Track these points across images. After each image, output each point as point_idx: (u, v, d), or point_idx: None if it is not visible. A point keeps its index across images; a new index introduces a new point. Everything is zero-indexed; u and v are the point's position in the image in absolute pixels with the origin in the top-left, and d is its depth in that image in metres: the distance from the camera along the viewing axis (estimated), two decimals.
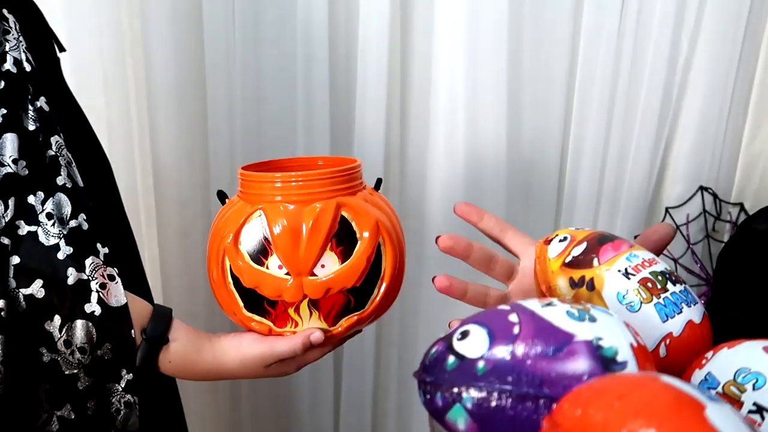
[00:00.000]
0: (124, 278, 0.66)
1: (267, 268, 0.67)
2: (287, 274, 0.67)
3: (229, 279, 0.70)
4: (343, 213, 0.68)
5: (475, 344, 0.40)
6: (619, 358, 0.42)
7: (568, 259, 0.60)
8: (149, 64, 1.17)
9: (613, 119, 1.27)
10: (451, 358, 0.41)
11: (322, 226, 0.66)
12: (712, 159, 1.29)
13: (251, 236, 0.68)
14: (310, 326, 0.70)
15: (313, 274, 0.67)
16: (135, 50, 1.18)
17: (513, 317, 0.42)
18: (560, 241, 0.63)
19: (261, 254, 0.67)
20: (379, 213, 0.70)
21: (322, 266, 0.67)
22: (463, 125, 1.25)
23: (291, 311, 0.69)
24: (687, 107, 1.28)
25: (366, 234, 0.68)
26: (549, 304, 0.44)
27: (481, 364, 0.40)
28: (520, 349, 0.39)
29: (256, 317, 0.70)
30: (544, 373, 0.38)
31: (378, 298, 0.71)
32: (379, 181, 0.79)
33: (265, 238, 0.67)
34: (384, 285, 0.71)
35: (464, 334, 0.42)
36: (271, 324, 0.70)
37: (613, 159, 1.29)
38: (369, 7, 1.19)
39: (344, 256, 0.68)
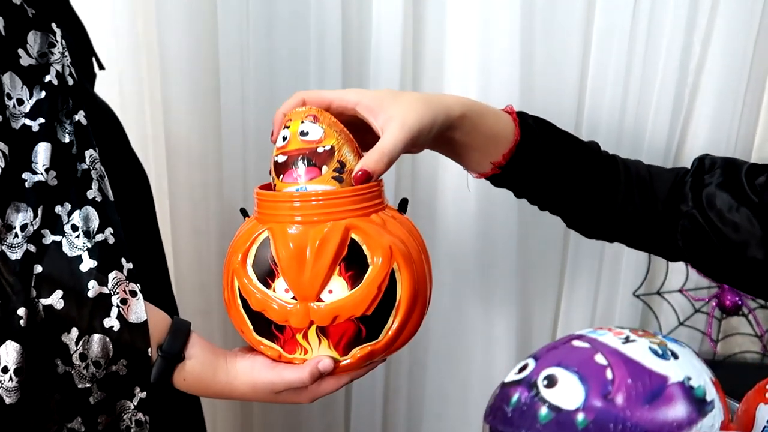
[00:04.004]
0: (151, 290, 0.64)
1: (274, 291, 0.62)
2: (293, 298, 0.61)
3: (239, 300, 0.64)
4: (354, 236, 0.61)
5: (568, 393, 0.35)
6: (708, 398, 0.38)
7: None
8: (164, 66, 1.13)
9: (625, 122, 1.23)
10: (544, 410, 0.36)
11: (328, 248, 0.59)
12: None
13: (259, 257, 0.62)
14: (319, 354, 0.63)
15: (320, 300, 0.61)
16: (150, 50, 1.14)
17: (600, 359, 0.37)
18: None
19: (268, 276, 0.62)
20: (394, 238, 0.62)
21: (330, 292, 0.61)
22: None
23: (299, 337, 0.63)
24: (698, 110, 1.24)
25: (378, 260, 0.60)
26: (627, 339, 0.39)
27: (580, 416, 0.35)
28: (619, 397, 0.34)
29: (265, 341, 0.65)
30: (647, 422, 0.34)
31: (393, 330, 0.63)
32: (403, 203, 0.70)
33: (272, 260, 0.61)
34: (399, 315, 0.62)
35: (551, 381, 0.36)
36: (280, 349, 0.64)
37: None
38: (381, 8, 1.15)
39: (353, 282, 0.60)
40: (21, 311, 0.54)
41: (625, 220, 0.75)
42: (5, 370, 0.54)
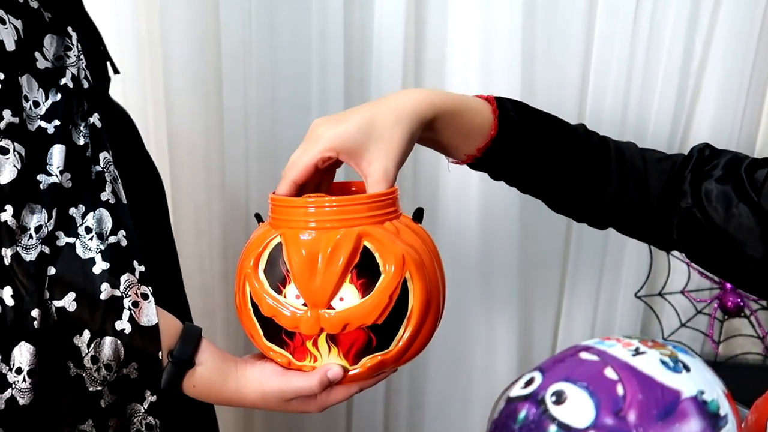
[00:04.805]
0: (162, 294, 0.63)
1: (285, 296, 0.60)
2: (304, 304, 0.59)
3: (250, 306, 0.63)
4: (366, 243, 0.59)
5: (578, 410, 0.33)
6: (722, 412, 0.36)
7: None
8: (167, 67, 1.12)
9: (626, 124, 1.21)
10: (553, 428, 0.34)
11: (340, 255, 0.58)
12: None
13: (271, 263, 0.61)
14: (329, 362, 0.61)
15: (331, 307, 0.59)
16: (153, 53, 1.13)
17: (610, 373, 0.34)
18: None
19: (279, 282, 0.60)
20: (407, 247, 0.60)
21: (341, 299, 0.59)
22: None
23: (309, 344, 0.61)
24: (700, 111, 1.22)
25: (390, 268, 0.59)
26: (637, 351, 0.37)
27: None
28: (631, 415, 0.32)
29: (275, 347, 0.63)
30: None
31: (404, 340, 0.61)
32: (418, 212, 0.68)
33: (284, 265, 0.60)
34: (410, 325, 0.60)
35: (559, 396, 0.34)
36: (290, 356, 0.62)
37: None
38: (383, 12, 1.14)
39: (365, 290, 0.59)
40: (34, 313, 0.54)
41: (618, 210, 0.72)
42: (19, 371, 0.54)
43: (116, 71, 0.75)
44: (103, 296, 0.57)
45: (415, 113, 0.64)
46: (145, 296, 0.60)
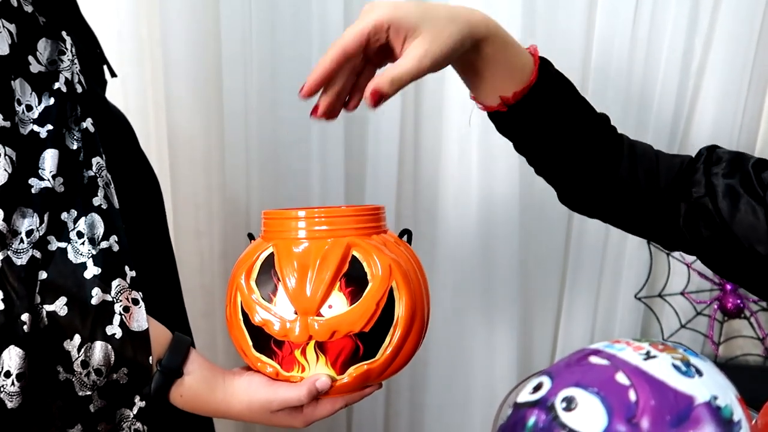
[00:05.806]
0: (158, 297, 0.63)
1: (275, 305, 0.61)
2: (294, 313, 0.61)
3: (240, 316, 0.64)
4: (355, 253, 0.61)
5: (590, 416, 0.31)
6: (735, 418, 0.35)
7: None
8: (167, 69, 1.11)
9: (627, 125, 1.20)
10: None
11: (330, 263, 0.60)
12: None
13: (262, 272, 0.63)
14: (317, 372, 0.62)
15: (320, 315, 0.60)
16: (154, 55, 1.12)
17: (622, 378, 0.33)
18: None
19: (270, 291, 0.62)
20: (394, 258, 0.62)
21: (330, 307, 0.60)
22: (475, 137, 1.19)
23: (297, 353, 0.62)
24: (700, 111, 1.21)
25: (377, 276, 0.61)
26: (648, 355, 0.36)
27: None
28: (644, 422, 0.31)
29: (263, 358, 0.63)
30: None
31: (390, 348, 0.62)
32: (404, 232, 0.71)
33: (275, 274, 0.61)
34: (397, 333, 0.62)
35: (570, 402, 0.32)
36: (278, 366, 0.63)
37: None
38: None
39: (353, 298, 0.60)
40: (24, 317, 0.53)
41: (625, 195, 0.70)
42: (8, 374, 0.53)
43: (113, 74, 0.75)
44: (94, 301, 0.56)
45: (469, 22, 0.63)
46: (135, 301, 0.59)
